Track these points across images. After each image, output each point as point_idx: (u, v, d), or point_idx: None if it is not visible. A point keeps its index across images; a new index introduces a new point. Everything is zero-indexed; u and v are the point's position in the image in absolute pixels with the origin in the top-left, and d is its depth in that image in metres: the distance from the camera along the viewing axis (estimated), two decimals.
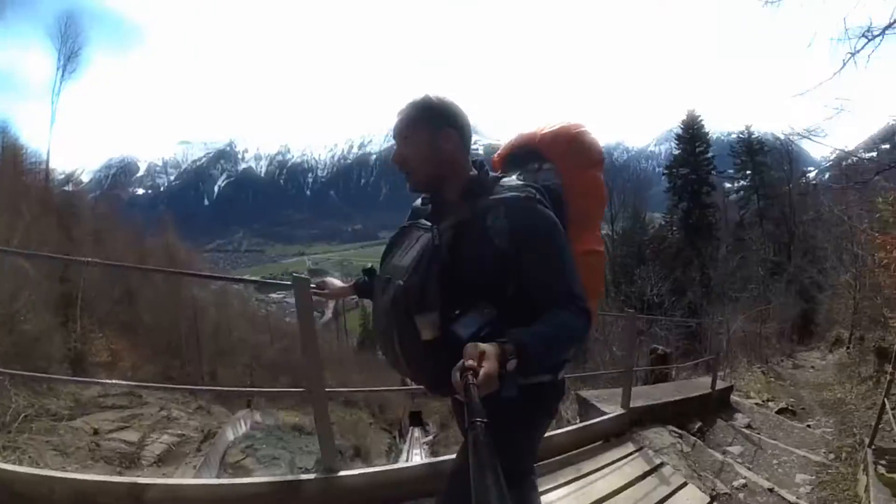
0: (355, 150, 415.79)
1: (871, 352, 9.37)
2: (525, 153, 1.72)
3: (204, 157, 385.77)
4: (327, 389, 2.77)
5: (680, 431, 5.23)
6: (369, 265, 1.70)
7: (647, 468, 3.93)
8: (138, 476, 8.13)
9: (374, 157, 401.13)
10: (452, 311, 1.26)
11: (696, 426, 5.84)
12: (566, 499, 3.13)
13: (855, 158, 11.11)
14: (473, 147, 1.59)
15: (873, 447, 4.46)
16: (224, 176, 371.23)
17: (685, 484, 3.74)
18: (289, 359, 28.37)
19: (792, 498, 4.00)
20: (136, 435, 9.45)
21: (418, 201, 1.65)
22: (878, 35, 4.56)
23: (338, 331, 52.14)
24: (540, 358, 1.19)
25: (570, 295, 1.30)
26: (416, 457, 21.64)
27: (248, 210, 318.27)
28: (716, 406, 6.78)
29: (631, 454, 4.20)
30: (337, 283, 2.17)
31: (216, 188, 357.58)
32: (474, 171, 1.48)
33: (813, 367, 13.42)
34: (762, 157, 30.74)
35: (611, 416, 4.66)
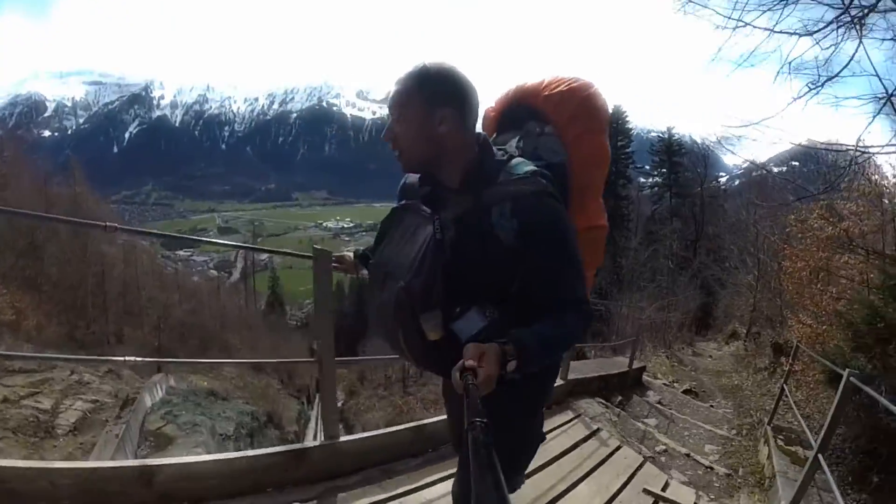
0: (276, 106, 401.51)
1: (767, 346, 10.49)
2: (524, 111, 1.60)
3: (117, 100, 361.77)
4: (337, 359, 2.89)
5: (606, 403, 5.87)
6: (361, 251, 1.60)
7: (587, 432, 4.43)
8: (55, 445, 7.78)
9: (295, 115, 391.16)
10: (453, 308, 1.22)
11: (618, 399, 6.54)
12: None
13: (765, 171, 11.57)
14: None
15: (772, 425, 5.18)
16: (136, 122, 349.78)
17: (620, 447, 4.26)
18: (197, 320, 27.61)
19: (706, 462, 4.66)
20: (48, 402, 8.66)
21: (413, 178, 1.48)
22: (820, 86, 5.06)
23: (246, 292, 50.01)
24: (539, 359, 1.18)
25: (575, 298, 1.26)
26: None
27: (159, 160, 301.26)
28: (632, 383, 7.61)
29: (571, 420, 4.72)
30: (351, 256, 2.12)
31: (127, 135, 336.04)
32: (476, 150, 1.35)
33: (710, 356, 14.64)
34: (679, 158, 32.11)
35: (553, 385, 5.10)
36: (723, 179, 37.17)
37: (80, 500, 2.05)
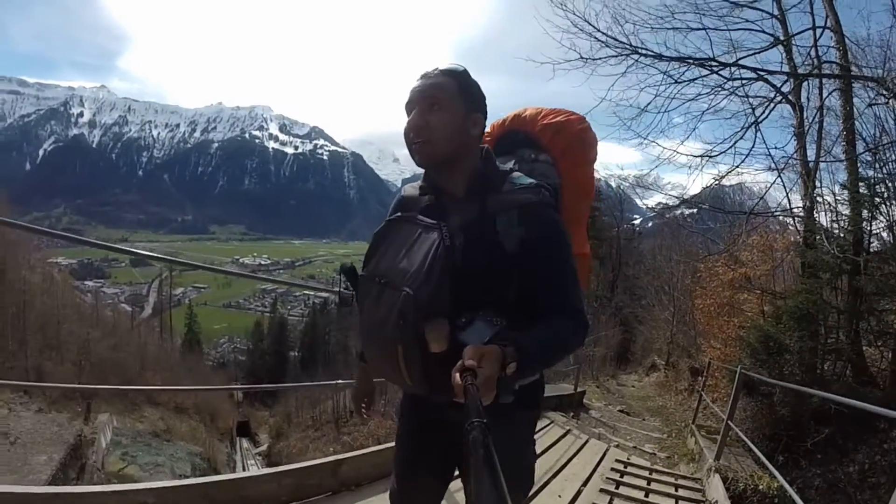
0: (198, 133, 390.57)
1: (685, 371, 12.31)
2: (519, 138, 1.65)
3: (34, 113, 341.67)
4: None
5: (564, 415, 7.21)
6: (349, 265, 1.43)
7: (563, 432, 5.82)
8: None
9: (216, 145, 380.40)
10: (458, 318, 1.17)
11: (570, 414, 7.85)
12: None
13: (676, 213, 12.92)
14: None
15: (695, 424, 6.68)
16: (52, 139, 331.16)
17: (589, 439, 5.62)
18: (117, 357, 25.94)
19: (650, 450, 6.07)
20: None
21: (411, 190, 1.46)
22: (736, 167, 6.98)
23: (161, 328, 46.72)
24: (538, 364, 1.19)
25: (574, 308, 1.26)
26: (252, 467, 20.97)
27: (73, 182, 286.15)
28: (577, 403, 8.89)
29: (547, 426, 6.12)
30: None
31: (42, 152, 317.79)
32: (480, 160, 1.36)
33: (633, 386, 16.20)
34: (596, 203, 34.43)
35: None
36: (637, 221, 39.70)
37: None
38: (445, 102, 1.26)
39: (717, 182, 8.03)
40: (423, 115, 1.26)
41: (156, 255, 4.05)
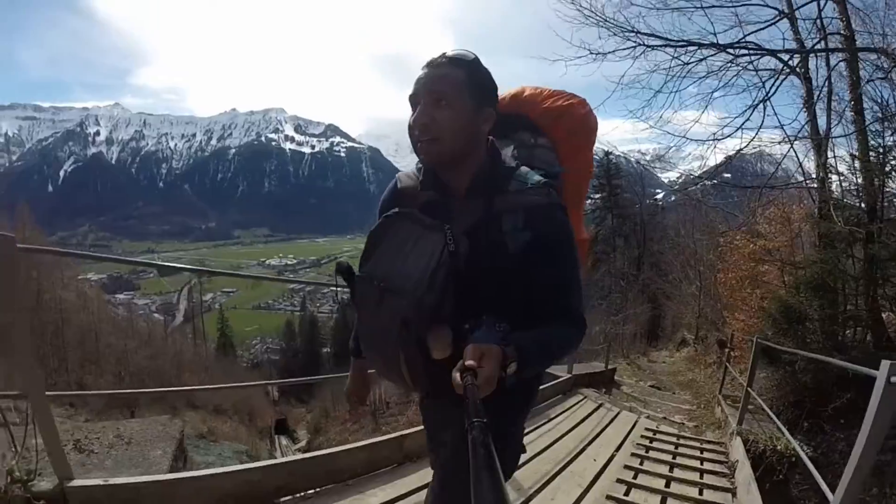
0: (214, 141, 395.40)
1: (713, 344, 12.53)
2: (517, 121, 1.60)
3: (51, 136, 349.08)
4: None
5: (597, 392, 7.58)
6: (345, 265, 1.30)
7: (594, 406, 6.21)
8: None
9: (234, 151, 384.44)
10: (462, 325, 1.13)
11: (602, 391, 8.20)
12: (552, 431, 4.91)
13: (699, 185, 12.74)
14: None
15: (721, 394, 7.02)
16: (72, 160, 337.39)
17: (620, 412, 6.00)
18: (155, 366, 26.28)
19: (679, 420, 6.43)
20: None
21: (407, 182, 1.39)
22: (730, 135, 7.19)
23: (195, 334, 47.50)
24: (537, 364, 1.17)
25: (575, 313, 1.26)
26: None
27: (95, 200, 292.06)
28: (608, 380, 9.23)
29: (581, 399, 6.51)
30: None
31: (62, 173, 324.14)
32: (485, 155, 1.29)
33: (664, 362, 16.38)
34: (617, 180, 33.17)
35: (564, 378, 6.83)
36: (659, 195, 39.06)
37: None
38: (453, 97, 1.18)
39: (728, 160, 8.28)
40: (428, 112, 1.18)
41: (185, 266, 4.58)
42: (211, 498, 2.37)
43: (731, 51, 7.67)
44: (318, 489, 2.79)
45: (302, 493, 2.69)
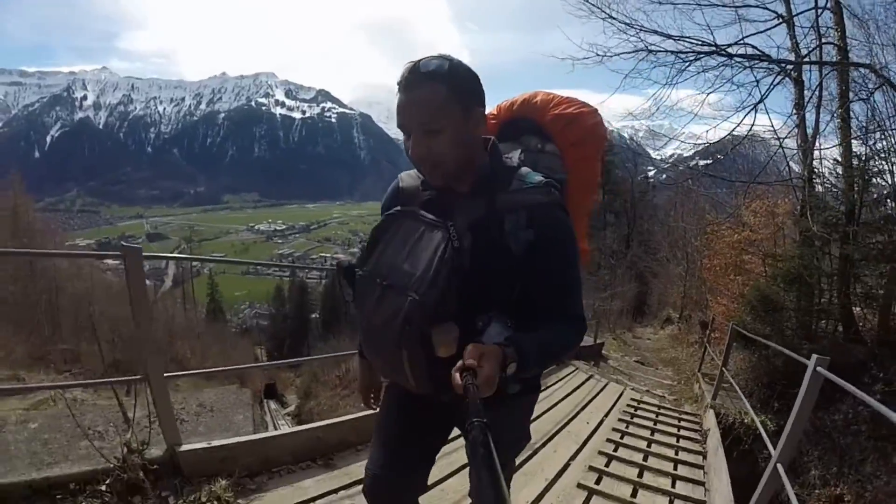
0: (203, 105, 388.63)
1: (696, 324, 13.28)
2: (526, 125, 1.60)
3: (37, 101, 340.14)
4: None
5: (587, 364, 8.28)
6: (346, 263, 1.32)
7: (586, 377, 6.90)
8: None
9: (223, 115, 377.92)
10: (468, 323, 1.11)
11: (591, 364, 8.89)
12: (550, 397, 5.56)
13: (690, 165, 13.69)
14: None
15: (700, 372, 7.74)
16: (58, 125, 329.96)
17: (608, 383, 6.72)
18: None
19: (660, 393, 7.15)
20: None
21: (409, 180, 1.38)
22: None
23: (184, 300, 47.28)
24: (536, 365, 1.15)
25: (575, 314, 1.25)
26: (283, 427, 21.90)
27: (83, 165, 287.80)
28: (596, 353, 9.95)
29: (573, 371, 7.19)
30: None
31: (49, 138, 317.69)
32: (486, 153, 1.26)
33: (648, 338, 17.23)
34: (610, 157, 33.45)
35: None
36: (651, 173, 39.39)
37: None
38: (443, 122, 1.12)
39: (721, 156, 8.82)
40: (423, 143, 1.14)
41: (205, 257, 4.78)
42: (289, 451, 2.94)
43: (729, 51, 8.10)
44: (368, 443, 3.37)
45: (357, 447, 3.25)
